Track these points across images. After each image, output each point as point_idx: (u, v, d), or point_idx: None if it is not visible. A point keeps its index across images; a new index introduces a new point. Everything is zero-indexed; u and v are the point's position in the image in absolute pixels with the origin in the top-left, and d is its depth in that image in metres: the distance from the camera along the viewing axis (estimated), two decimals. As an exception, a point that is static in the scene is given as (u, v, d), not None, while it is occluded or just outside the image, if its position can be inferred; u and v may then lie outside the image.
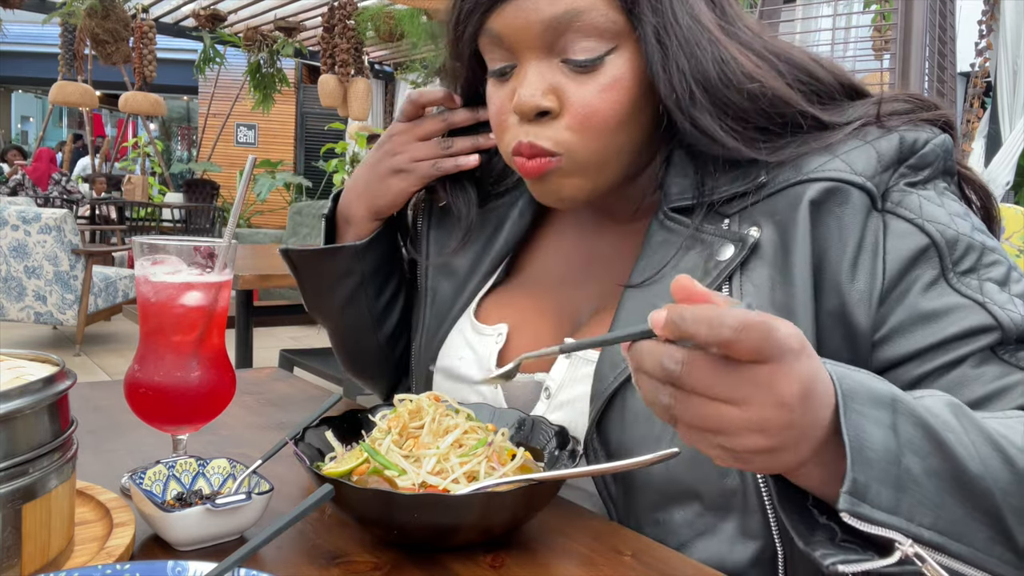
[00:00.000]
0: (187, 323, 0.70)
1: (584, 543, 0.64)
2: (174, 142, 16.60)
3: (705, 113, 0.68)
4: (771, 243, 0.68)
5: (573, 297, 0.81)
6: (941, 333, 0.65)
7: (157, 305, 0.70)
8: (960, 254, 0.66)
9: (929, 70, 2.87)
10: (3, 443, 0.48)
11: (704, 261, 0.70)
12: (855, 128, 0.70)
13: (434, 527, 0.58)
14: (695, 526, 0.68)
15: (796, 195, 0.68)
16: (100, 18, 6.62)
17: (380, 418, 0.70)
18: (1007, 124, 4.35)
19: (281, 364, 3.32)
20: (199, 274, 0.70)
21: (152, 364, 0.70)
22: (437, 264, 0.89)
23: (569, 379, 0.75)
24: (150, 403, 0.70)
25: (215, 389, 0.71)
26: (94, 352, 5.11)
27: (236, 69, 8.99)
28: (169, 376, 0.69)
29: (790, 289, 0.67)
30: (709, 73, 0.68)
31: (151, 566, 0.43)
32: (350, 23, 6.69)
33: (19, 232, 4.78)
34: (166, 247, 0.69)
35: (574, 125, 0.69)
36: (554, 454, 0.69)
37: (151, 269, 0.69)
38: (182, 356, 0.70)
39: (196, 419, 0.71)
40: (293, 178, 9.71)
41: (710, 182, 0.72)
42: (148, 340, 0.71)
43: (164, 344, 0.70)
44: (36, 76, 15.60)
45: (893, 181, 0.68)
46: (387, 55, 9.43)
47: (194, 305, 0.70)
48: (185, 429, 0.72)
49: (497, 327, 0.82)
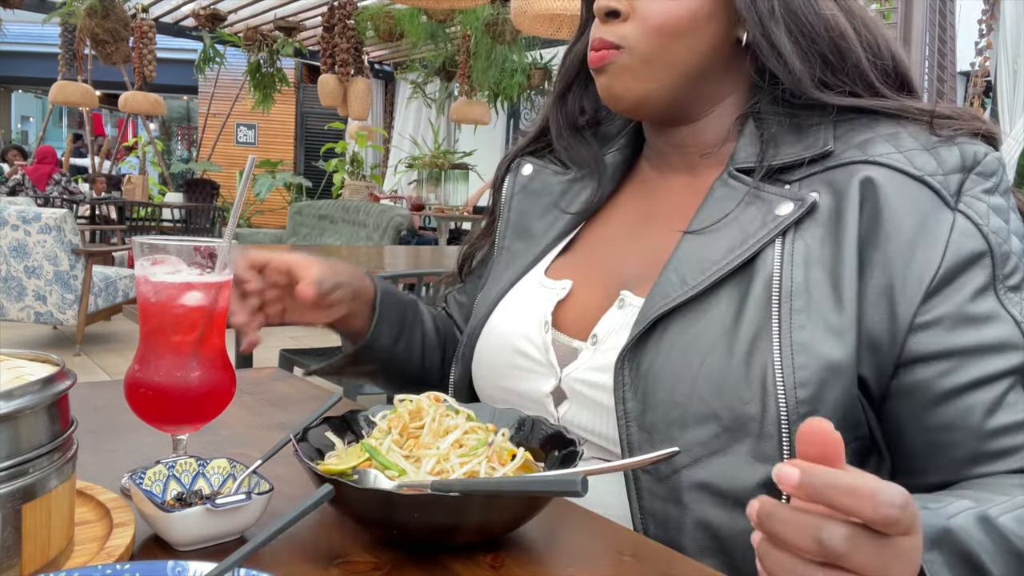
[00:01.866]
0: (187, 323, 0.70)
1: (584, 543, 0.64)
2: (174, 142, 16.60)
3: (781, 28, 0.74)
4: (827, 208, 0.72)
5: (630, 254, 0.85)
6: (977, 337, 0.68)
7: (157, 305, 0.70)
8: (1010, 270, 0.70)
9: (929, 69, 2.87)
10: (3, 443, 0.48)
11: (763, 215, 0.74)
12: (907, 113, 0.75)
13: (434, 527, 0.58)
14: (709, 446, 0.70)
15: (855, 171, 0.72)
16: (100, 18, 6.62)
17: (380, 418, 0.70)
18: (1007, 123, 4.35)
19: (281, 364, 3.31)
20: (199, 274, 0.70)
21: (152, 364, 0.70)
22: (516, 227, 0.95)
23: (620, 325, 0.78)
24: (150, 403, 0.70)
25: (215, 389, 0.71)
26: (94, 352, 5.11)
27: (236, 69, 9.00)
28: (169, 376, 0.69)
29: (839, 252, 0.70)
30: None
31: (151, 566, 0.43)
32: (350, 23, 6.69)
33: (19, 232, 4.78)
34: (166, 247, 0.69)
35: (637, 25, 0.78)
36: (555, 454, 0.69)
37: (151, 269, 0.69)
38: (182, 356, 0.70)
39: (196, 419, 0.71)
40: (293, 178, 9.72)
41: (773, 149, 0.77)
42: (148, 340, 0.71)
43: (164, 344, 0.70)
44: (36, 76, 15.59)
45: (968, 185, 0.71)
46: (387, 55, 9.44)
47: (194, 305, 0.70)
48: (185, 429, 0.72)
49: (562, 282, 0.86)
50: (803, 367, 0.68)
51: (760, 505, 0.46)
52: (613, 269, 0.85)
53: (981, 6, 4.34)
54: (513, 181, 0.99)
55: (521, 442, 0.71)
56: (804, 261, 0.71)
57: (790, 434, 0.67)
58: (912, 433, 0.71)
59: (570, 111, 0.95)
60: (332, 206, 6.51)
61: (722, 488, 0.69)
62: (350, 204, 6.37)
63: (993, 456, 0.67)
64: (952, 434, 0.68)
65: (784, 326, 0.69)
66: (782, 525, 0.45)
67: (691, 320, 0.72)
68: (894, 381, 0.70)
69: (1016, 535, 0.60)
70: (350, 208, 6.27)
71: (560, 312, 0.84)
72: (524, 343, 0.84)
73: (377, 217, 5.94)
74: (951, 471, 0.69)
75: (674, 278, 0.74)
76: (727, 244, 0.73)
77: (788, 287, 0.70)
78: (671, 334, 0.73)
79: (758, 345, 0.69)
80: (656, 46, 0.77)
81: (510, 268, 0.93)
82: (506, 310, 0.89)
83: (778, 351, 0.68)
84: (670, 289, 0.73)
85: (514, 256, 0.93)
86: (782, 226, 0.72)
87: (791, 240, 0.72)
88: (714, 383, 0.69)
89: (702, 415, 0.70)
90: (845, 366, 0.68)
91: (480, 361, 0.90)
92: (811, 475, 0.45)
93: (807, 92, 0.75)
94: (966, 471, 0.69)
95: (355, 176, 8.29)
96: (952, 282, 0.69)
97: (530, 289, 0.89)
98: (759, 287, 0.71)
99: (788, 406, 0.67)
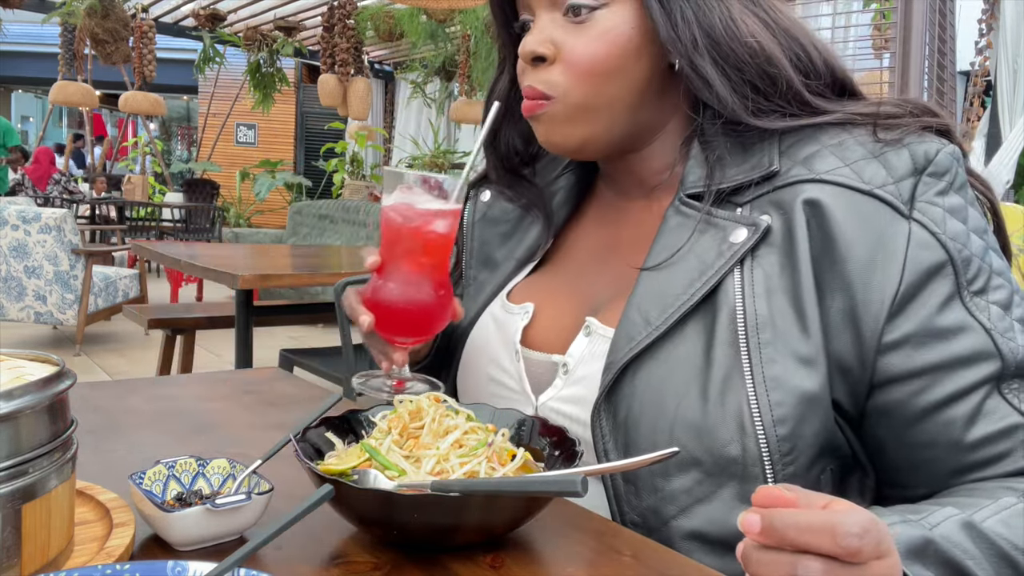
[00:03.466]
0: (433, 247, 0.77)
1: (584, 543, 0.64)
2: (174, 142, 16.60)
3: (707, 61, 0.72)
4: (780, 231, 0.71)
5: (594, 280, 0.84)
6: (948, 351, 0.66)
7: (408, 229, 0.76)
8: (973, 274, 0.68)
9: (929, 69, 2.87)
10: (3, 443, 0.48)
11: (718, 244, 0.72)
12: (850, 120, 0.73)
13: (434, 527, 0.58)
14: (694, 493, 0.69)
15: (799, 191, 0.71)
16: (100, 18, 6.61)
17: (380, 418, 0.70)
18: (1007, 123, 4.35)
19: (281, 364, 3.31)
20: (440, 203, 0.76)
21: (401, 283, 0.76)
22: (480, 256, 0.95)
23: (588, 355, 0.77)
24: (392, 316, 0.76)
25: (443, 305, 0.78)
26: (94, 352, 5.11)
27: (236, 69, 8.99)
28: (414, 294, 0.76)
29: (796, 276, 0.69)
30: (715, 24, 0.72)
31: (151, 566, 0.43)
32: (350, 23, 6.69)
33: (19, 232, 4.78)
34: (407, 179, 0.76)
35: (566, 70, 0.76)
36: (554, 455, 0.69)
37: (409, 196, 0.75)
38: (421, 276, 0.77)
39: (424, 331, 0.78)
40: (293, 178, 9.71)
41: (720, 171, 0.75)
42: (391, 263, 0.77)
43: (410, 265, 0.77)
44: (36, 76, 15.59)
45: (920, 190, 0.69)
46: (387, 55, 9.43)
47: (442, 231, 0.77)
48: (410, 341, 0.78)
49: (524, 306, 0.86)
50: (779, 404, 0.67)
51: (743, 549, 0.50)
52: (578, 292, 0.84)
53: (981, 6, 4.34)
54: (473, 209, 0.98)
55: (521, 442, 0.71)
56: (765, 291, 0.69)
57: (774, 473, 0.67)
58: (893, 450, 0.70)
59: (503, 153, 0.92)
60: (332, 206, 6.51)
61: (712, 535, 0.68)
62: (350, 204, 6.36)
63: (978, 466, 0.67)
64: (934, 450, 0.68)
65: (755, 362, 0.67)
66: (760, 566, 0.49)
67: (660, 360, 0.71)
68: (869, 402, 0.69)
69: (1002, 537, 0.59)
70: (350, 208, 6.26)
71: (529, 334, 0.84)
72: (498, 372, 0.85)
73: (377, 217, 5.93)
74: (937, 483, 0.69)
75: (637, 318, 0.72)
76: (686, 277, 0.72)
77: (753, 320, 0.69)
78: (642, 377, 0.71)
79: (730, 384, 0.68)
80: (588, 91, 0.75)
81: (477, 299, 0.92)
82: (477, 339, 0.89)
83: (752, 389, 0.67)
84: (634, 331, 0.72)
85: (481, 286, 0.93)
86: (739, 254, 0.70)
87: (749, 268, 0.71)
88: (692, 428, 0.68)
89: (683, 461, 0.69)
90: (820, 396, 0.68)
91: (462, 390, 0.91)
92: (771, 519, 0.48)
93: (743, 120, 0.73)
94: (952, 481, 0.68)
95: (355, 176, 8.28)
96: (915, 298, 0.67)
97: (496, 317, 0.88)
98: (724, 321, 0.70)
99: (769, 445, 0.66)
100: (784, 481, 0.67)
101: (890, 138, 0.71)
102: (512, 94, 0.87)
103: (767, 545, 0.48)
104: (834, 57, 0.77)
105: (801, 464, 0.68)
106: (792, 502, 0.49)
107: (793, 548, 0.47)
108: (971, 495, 0.64)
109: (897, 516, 0.59)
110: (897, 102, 0.74)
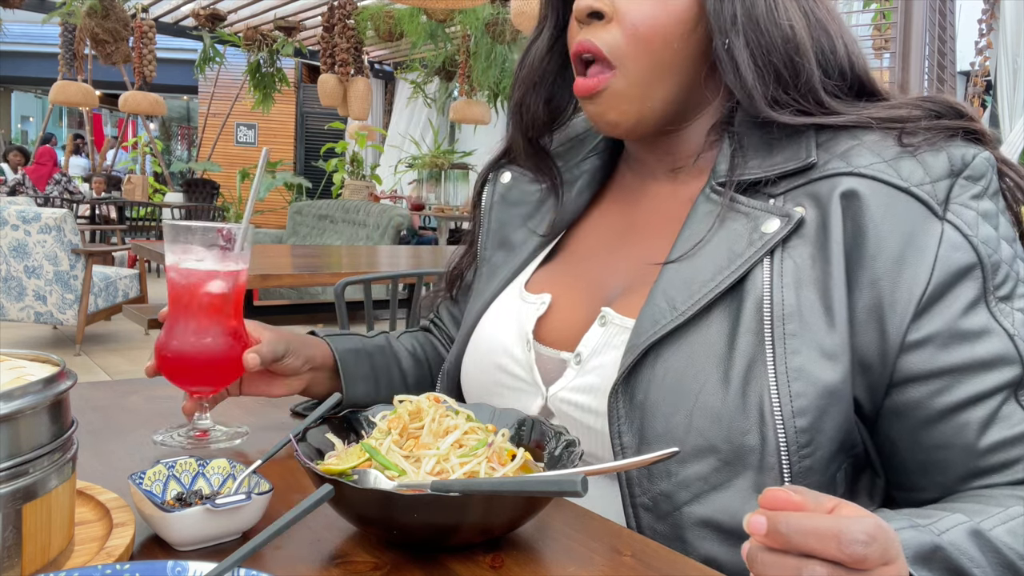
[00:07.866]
0: (213, 305, 0.81)
1: (584, 543, 0.64)
2: (174, 142, 16.59)
3: (741, 38, 0.72)
4: (813, 223, 0.70)
5: (611, 268, 0.84)
6: (970, 354, 0.66)
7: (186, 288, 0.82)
8: (1001, 280, 0.68)
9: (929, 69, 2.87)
10: (4, 443, 0.48)
11: (749, 232, 0.72)
12: (862, 122, 0.73)
13: (434, 527, 0.58)
14: (709, 480, 0.68)
15: (837, 184, 0.70)
16: (100, 18, 6.61)
17: (380, 418, 0.70)
18: (1007, 123, 4.35)
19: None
20: (221, 261, 0.80)
21: (180, 335, 0.81)
22: (496, 237, 0.94)
23: (603, 344, 0.77)
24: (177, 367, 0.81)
25: (234, 357, 0.82)
26: (94, 352, 5.11)
27: (236, 69, 8.99)
28: (194, 345, 0.81)
29: (827, 268, 0.68)
30: (758, 2, 0.72)
31: (151, 566, 0.43)
32: (350, 23, 6.69)
33: (19, 232, 4.78)
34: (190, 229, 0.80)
35: (624, 32, 0.75)
36: (554, 455, 0.69)
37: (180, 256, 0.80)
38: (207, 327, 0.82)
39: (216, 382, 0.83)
40: (293, 178, 9.71)
41: (753, 160, 0.75)
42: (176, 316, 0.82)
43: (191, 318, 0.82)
44: (36, 76, 15.60)
45: (956, 192, 0.69)
46: (387, 55, 9.44)
47: (217, 292, 0.82)
48: (206, 391, 0.83)
49: (541, 296, 0.85)
50: (800, 395, 0.66)
51: (748, 549, 0.49)
52: (594, 282, 0.83)
53: (981, 6, 4.34)
54: (492, 191, 0.97)
55: (521, 442, 0.71)
56: (795, 282, 0.69)
57: (791, 465, 0.66)
58: (905, 451, 0.70)
59: (528, 122, 0.91)
60: (332, 206, 6.51)
61: (724, 524, 0.68)
62: (350, 204, 6.36)
63: (989, 471, 0.67)
64: (946, 452, 0.67)
65: (779, 352, 0.67)
66: (765, 568, 0.48)
67: (683, 346, 0.71)
68: (886, 400, 0.69)
69: (1008, 547, 0.59)
70: (350, 208, 6.26)
71: (542, 326, 0.83)
72: (508, 361, 0.84)
73: (377, 217, 5.93)
74: (947, 487, 0.69)
75: (663, 304, 0.72)
76: (714, 264, 0.71)
77: (780, 310, 0.68)
78: (663, 362, 0.71)
79: (753, 373, 0.68)
80: (647, 61, 0.75)
81: (492, 281, 0.91)
82: (489, 325, 0.88)
83: (774, 379, 0.67)
84: (659, 315, 0.71)
85: (495, 268, 0.92)
86: (770, 244, 0.70)
87: (779, 259, 0.70)
88: (711, 414, 0.68)
89: (700, 448, 0.68)
90: (841, 390, 0.67)
91: (467, 377, 0.90)
92: (777, 522, 0.47)
93: (758, 110, 0.73)
94: (962, 486, 0.68)
95: (355, 176, 8.28)
96: (942, 298, 0.67)
97: (511, 303, 0.88)
98: (750, 310, 0.69)
99: (788, 436, 0.66)
100: (800, 475, 0.67)
101: (916, 142, 0.70)
102: (548, 57, 0.86)
103: (773, 547, 0.48)
104: (858, 55, 0.77)
105: (818, 459, 0.67)
106: (799, 505, 0.48)
107: (798, 552, 0.47)
108: (980, 502, 0.64)
109: (906, 521, 0.59)
110: (916, 102, 0.74)
